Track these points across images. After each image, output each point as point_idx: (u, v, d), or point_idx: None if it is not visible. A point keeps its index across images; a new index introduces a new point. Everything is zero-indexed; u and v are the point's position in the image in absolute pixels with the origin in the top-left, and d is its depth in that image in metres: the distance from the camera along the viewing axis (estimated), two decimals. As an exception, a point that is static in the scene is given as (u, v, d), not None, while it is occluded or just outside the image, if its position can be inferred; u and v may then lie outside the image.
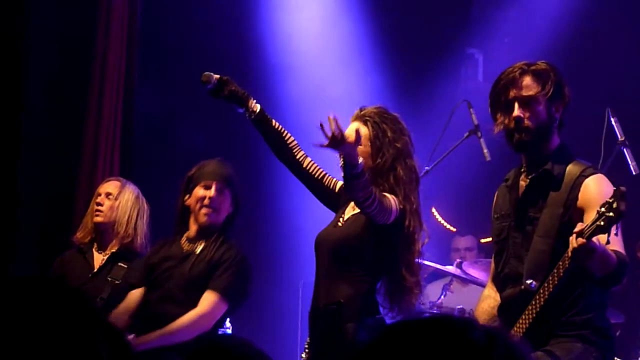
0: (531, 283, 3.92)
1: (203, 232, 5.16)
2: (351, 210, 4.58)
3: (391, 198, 4.40)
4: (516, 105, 4.04)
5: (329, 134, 4.11)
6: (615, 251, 3.75)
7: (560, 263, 3.79)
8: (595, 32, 7.70)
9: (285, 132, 4.60)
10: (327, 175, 4.64)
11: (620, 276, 3.82)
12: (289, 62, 7.72)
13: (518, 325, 3.95)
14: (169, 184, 5.71)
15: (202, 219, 5.13)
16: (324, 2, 7.98)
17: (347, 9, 7.90)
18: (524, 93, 4.04)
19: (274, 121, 4.55)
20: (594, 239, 3.61)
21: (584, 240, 3.60)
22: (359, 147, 4.43)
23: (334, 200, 4.64)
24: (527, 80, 4.05)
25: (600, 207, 3.58)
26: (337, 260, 4.48)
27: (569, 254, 3.68)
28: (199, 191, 5.15)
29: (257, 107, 4.49)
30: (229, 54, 7.56)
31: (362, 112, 4.59)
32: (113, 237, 5.55)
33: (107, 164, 6.64)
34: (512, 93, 4.05)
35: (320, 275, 4.56)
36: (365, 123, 4.54)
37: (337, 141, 4.12)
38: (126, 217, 5.52)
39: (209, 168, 5.20)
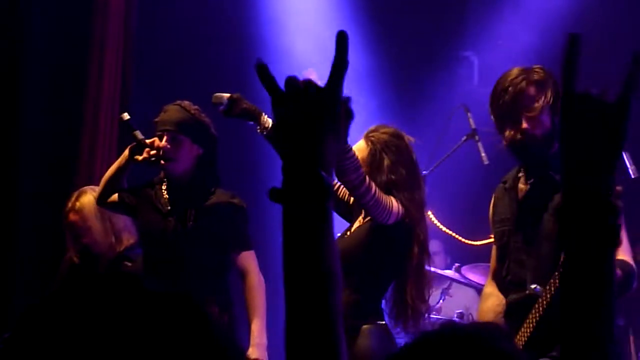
0: (535, 287, 3.91)
1: (174, 184, 5.02)
2: (358, 222, 4.62)
3: (392, 198, 4.43)
4: (524, 118, 4.04)
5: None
6: (620, 261, 3.74)
7: (560, 268, 3.78)
8: (588, 35, 7.69)
9: None
10: (341, 186, 4.63)
11: (627, 287, 3.82)
12: (286, 65, 7.71)
13: (523, 330, 3.95)
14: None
15: (163, 171, 5.03)
16: (318, 4, 7.99)
17: (340, 11, 7.91)
18: (531, 105, 4.03)
19: None
20: None
21: None
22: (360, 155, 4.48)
23: (346, 212, 4.68)
24: (532, 91, 4.05)
25: None
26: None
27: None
28: (155, 142, 5.01)
29: (269, 123, 4.41)
30: (225, 57, 7.55)
31: (371, 132, 4.63)
32: (103, 251, 5.48)
33: (104, 164, 6.62)
34: (518, 105, 4.04)
35: None
36: (367, 141, 4.59)
37: None
38: (101, 231, 5.46)
39: (160, 116, 5.04)
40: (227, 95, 4.43)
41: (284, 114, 1.71)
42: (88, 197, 5.47)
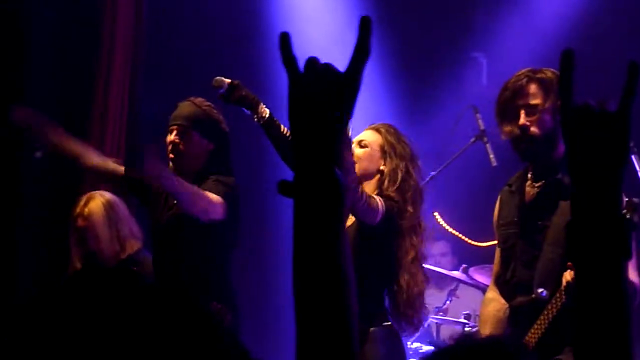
0: (542, 292, 3.91)
1: (184, 178, 4.93)
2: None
3: (377, 198, 4.49)
4: (522, 113, 4.03)
5: None
6: None
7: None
8: (599, 36, 7.68)
9: None
10: None
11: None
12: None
13: (530, 334, 3.94)
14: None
15: (170, 166, 5.00)
16: (328, 4, 8.00)
17: (350, 11, 7.90)
18: (530, 101, 4.03)
19: (283, 127, 4.54)
20: None
21: None
22: (366, 150, 4.54)
23: None
24: (533, 88, 4.05)
25: None
26: None
27: (563, 286, 3.71)
28: (167, 138, 5.02)
29: (267, 113, 4.46)
30: (236, 55, 7.56)
31: (376, 125, 4.75)
32: (107, 258, 5.46)
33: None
34: (518, 101, 4.05)
35: None
36: (377, 131, 4.69)
37: None
38: (107, 238, 5.41)
39: (173, 112, 5.06)
40: (228, 80, 4.48)
41: (301, 97, 1.65)
42: (96, 203, 5.45)
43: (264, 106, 4.48)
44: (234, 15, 7.74)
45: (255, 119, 4.47)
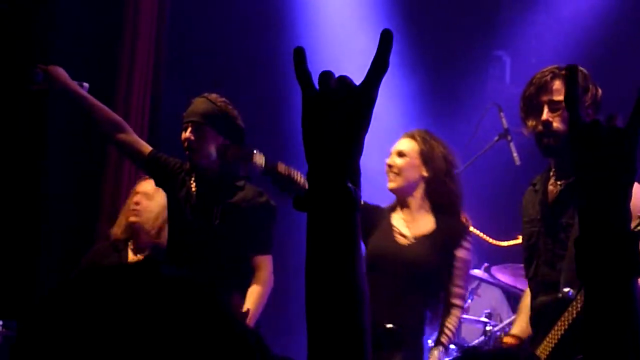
0: (569, 291, 3.89)
1: (201, 176, 5.00)
2: (415, 228, 4.76)
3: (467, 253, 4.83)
4: (545, 109, 4.03)
5: None
6: None
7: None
8: (622, 35, 7.66)
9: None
10: None
11: None
12: (316, 63, 7.70)
13: (553, 332, 3.92)
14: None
15: (189, 162, 5.00)
16: (351, 2, 8.00)
17: (374, 9, 7.90)
18: (554, 97, 4.03)
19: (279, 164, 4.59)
20: None
21: None
22: (406, 160, 4.72)
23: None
24: (557, 84, 4.04)
25: None
26: (404, 282, 4.64)
27: None
28: (182, 134, 5.00)
29: (262, 159, 4.57)
30: (256, 50, 7.57)
31: (411, 132, 4.87)
32: (147, 238, 5.52)
33: (132, 167, 6.65)
34: (542, 97, 4.04)
35: (379, 290, 4.55)
36: (413, 138, 4.80)
37: None
38: (154, 215, 5.50)
39: (188, 108, 5.04)
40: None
41: (314, 112, 1.61)
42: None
43: (257, 153, 4.57)
44: (257, 11, 7.76)
45: (259, 170, 4.58)
